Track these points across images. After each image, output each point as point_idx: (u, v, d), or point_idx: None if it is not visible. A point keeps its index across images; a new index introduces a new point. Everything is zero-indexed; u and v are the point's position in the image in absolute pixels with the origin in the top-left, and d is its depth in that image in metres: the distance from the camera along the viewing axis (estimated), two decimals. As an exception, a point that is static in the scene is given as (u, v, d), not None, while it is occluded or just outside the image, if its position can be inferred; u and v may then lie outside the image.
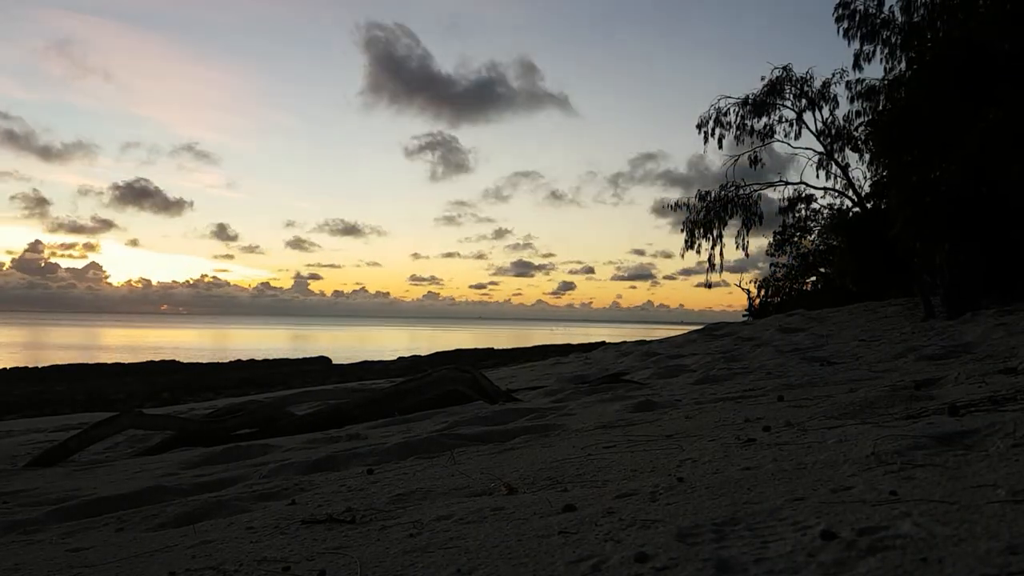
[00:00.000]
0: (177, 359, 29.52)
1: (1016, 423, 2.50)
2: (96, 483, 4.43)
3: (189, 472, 4.59)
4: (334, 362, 29.65)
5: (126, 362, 28.42)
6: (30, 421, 11.39)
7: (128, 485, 4.05)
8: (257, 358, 30.65)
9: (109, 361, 28.95)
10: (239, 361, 29.25)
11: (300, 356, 32.67)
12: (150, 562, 2.30)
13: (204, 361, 30.49)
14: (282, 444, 5.43)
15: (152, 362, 27.74)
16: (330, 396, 7.78)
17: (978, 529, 1.45)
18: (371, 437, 5.29)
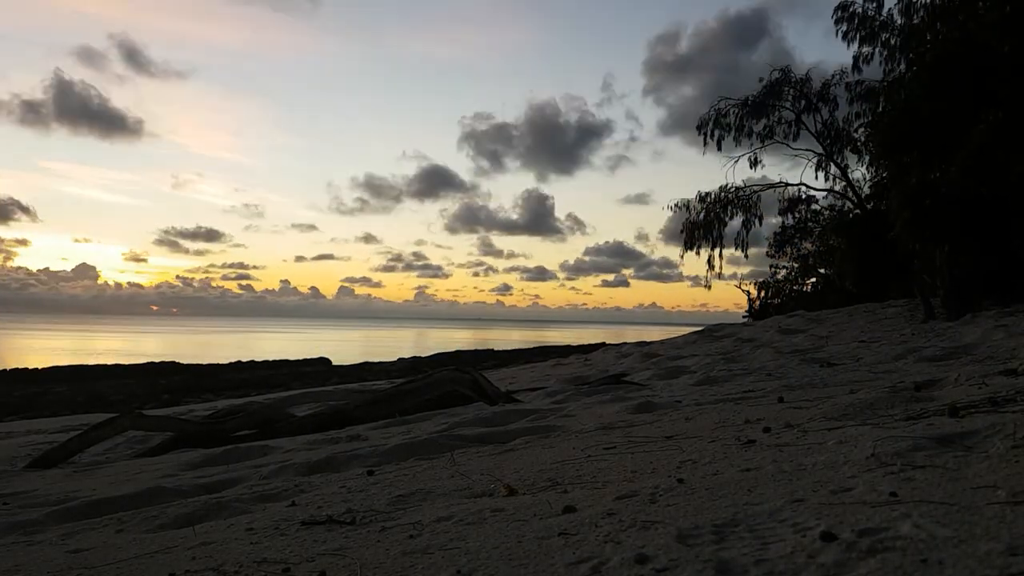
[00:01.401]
0: (177, 360, 29.51)
1: (1016, 424, 2.50)
2: (96, 484, 4.43)
3: (189, 473, 4.59)
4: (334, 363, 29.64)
5: (126, 363, 28.41)
6: (30, 422, 11.39)
7: (128, 486, 4.05)
8: (257, 359, 30.64)
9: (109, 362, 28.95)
10: (239, 362, 29.24)
11: (300, 357, 32.65)
12: (150, 563, 2.30)
13: (204, 362, 30.48)
14: (282, 445, 5.43)
15: (152, 363, 27.73)
16: (330, 397, 7.78)
17: (978, 530, 1.45)
18: (371, 438, 5.29)
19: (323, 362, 30.51)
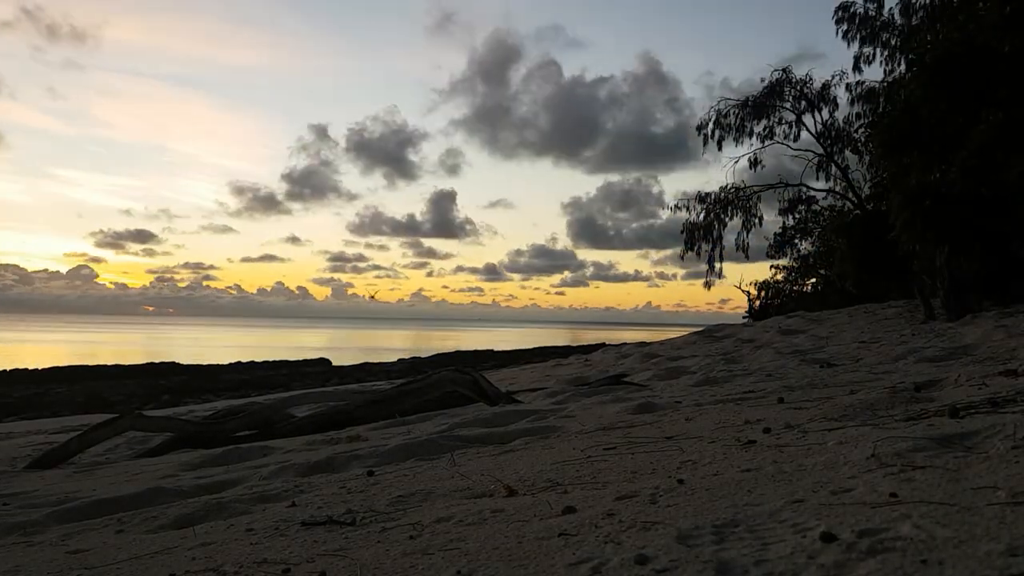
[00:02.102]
0: (177, 361, 29.51)
1: (1016, 425, 2.50)
2: (96, 485, 4.43)
3: (189, 474, 4.59)
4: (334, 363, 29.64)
5: (126, 364, 28.40)
6: (30, 423, 11.39)
7: (128, 487, 4.05)
8: (257, 360, 30.64)
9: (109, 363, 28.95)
10: (239, 363, 29.23)
11: (300, 358, 32.65)
12: (150, 564, 2.30)
13: (204, 363, 30.48)
14: (282, 446, 5.43)
15: (152, 364, 27.72)
16: (330, 398, 7.78)
17: (978, 531, 1.45)
18: (371, 439, 5.29)
19: (323, 362, 30.52)
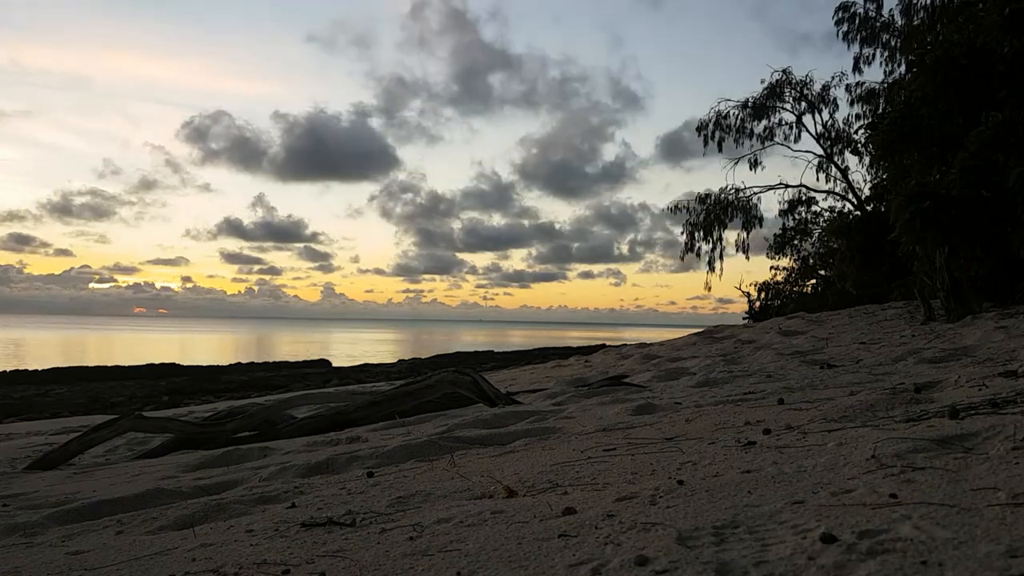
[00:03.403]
0: (177, 362, 29.51)
1: (1016, 426, 2.50)
2: (96, 486, 4.43)
3: (189, 475, 4.59)
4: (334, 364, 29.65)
5: (126, 365, 28.41)
6: (30, 424, 11.39)
7: (128, 488, 4.05)
8: (257, 360, 30.64)
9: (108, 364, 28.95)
10: (239, 364, 29.24)
11: (300, 359, 32.65)
12: (150, 565, 2.30)
13: (204, 364, 30.48)
14: (282, 447, 5.43)
15: (152, 365, 27.72)
16: (330, 399, 7.78)
17: (978, 532, 1.45)
18: (371, 440, 5.29)
19: (323, 363, 30.52)
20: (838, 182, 24.75)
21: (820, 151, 24.65)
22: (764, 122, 24.87)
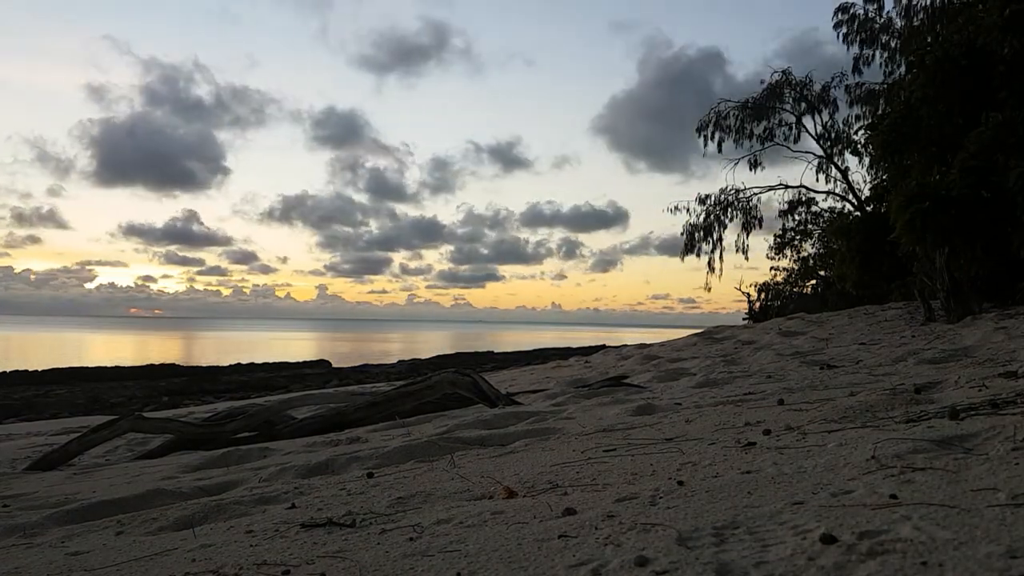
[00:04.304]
0: (177, 363, 29.52)
1: (1016, 427, 2.50)
2: (96, 487, 4.43)
3: (189, 476, 4.59)
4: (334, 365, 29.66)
5: (125, 365, 28.41)
6: (30, 424, 11.39)
7: (128, 489, 4.05)
8: (257, 361, 30.65)
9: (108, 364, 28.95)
10: (239, 364, 29.25)
11: (300, 360, 32.67)
12: (150, 565, 2.30)
13: (204, 364, 30.49)
14: (282, 448, 5.43)
15: (152, 365, 27.74)
16: (330, 400, 7.78)
17: (978, 533, 1.45)
18: (371, 441, 5.29)
19: (323, 364, 30.54)
20: (838, 183, 24.77)
21: (820, 152, 24.67)
22: (764, 123, 24.88)
